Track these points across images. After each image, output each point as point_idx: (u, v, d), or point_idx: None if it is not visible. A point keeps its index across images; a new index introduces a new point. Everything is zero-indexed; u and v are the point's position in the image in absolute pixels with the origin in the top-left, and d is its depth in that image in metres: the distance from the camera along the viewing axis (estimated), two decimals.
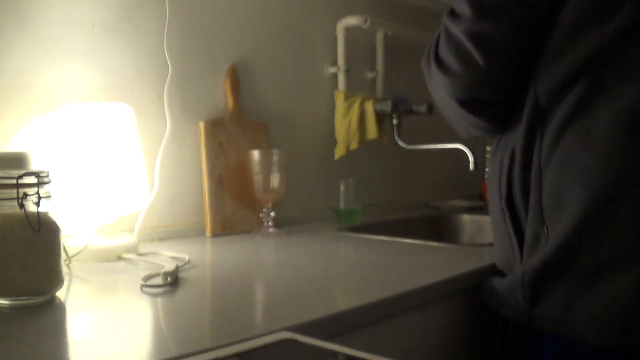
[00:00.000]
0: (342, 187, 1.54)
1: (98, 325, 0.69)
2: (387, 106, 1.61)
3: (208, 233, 1.32)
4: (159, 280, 0.86)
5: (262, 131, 1.46)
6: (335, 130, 1.64)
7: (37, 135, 1.09)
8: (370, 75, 1.78)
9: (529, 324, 0.87)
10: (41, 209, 0.76)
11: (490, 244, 1.06)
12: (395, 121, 1.66)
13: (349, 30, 1.65)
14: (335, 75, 1.66)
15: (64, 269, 0.97)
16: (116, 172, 1.06)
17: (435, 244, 1.25)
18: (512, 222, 0.92)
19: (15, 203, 0.74)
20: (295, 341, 0.59)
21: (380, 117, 1.63)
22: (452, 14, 0.92)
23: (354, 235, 1.38)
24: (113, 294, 0.87)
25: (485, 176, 1.01)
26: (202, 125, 1.34)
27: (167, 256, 1.05)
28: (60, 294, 0.85)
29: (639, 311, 0.78)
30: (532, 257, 0.87)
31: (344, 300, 0.84)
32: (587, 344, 0.81)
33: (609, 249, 0.80)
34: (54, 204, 0.80)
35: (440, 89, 0.96)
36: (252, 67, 1.46)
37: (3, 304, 0.75)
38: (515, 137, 0.91)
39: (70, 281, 0.92)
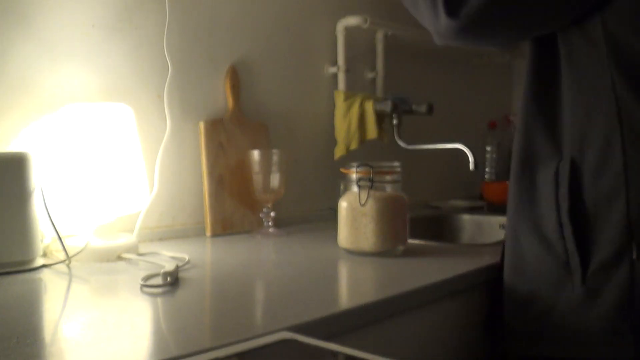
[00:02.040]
0: (342, 187, 1.53)
1: (98, 325, 0.69)
2: (387, 106, 1.61)
3: (208, 233, 1.32)
4: (159, 280, 0.86)
5: (262, 131, 1.46)
6: (335, 130, 1.64)
7: (37, 136, 1.09)
8: (370, 75, 1.78)
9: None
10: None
11: (491, 244, 1.06)
12: (395, 121, 1.66)
13: (349, 30, 1.65)
14: (335, 75, 1.66)
15: (64, 268, 0.98)
16: (116, 172, 1.06)
17: (435, 244, 1.25)
18: (575, 238, 0.86)
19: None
20: (295, 341, 0.59)
21: (380, 117, 1.63)
22: None
23: None
24: (113, 294, 0.87)
25: (514, 193, 0.97)
26: (202, 125, 1.34)
27: (167, 256, 1.05)
28: (61, 293, 0.85)
29: None
30: (615, 275, 0.83)
31: (344, 300, 0.84)
32: None
33: None
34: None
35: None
36: (252, 67, 1.46)
37: None
38: (575, 144, 0.86)
39: (70, 281, 0.92)
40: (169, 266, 0.89)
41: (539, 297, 0.92)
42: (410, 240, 1.27)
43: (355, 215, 1.08)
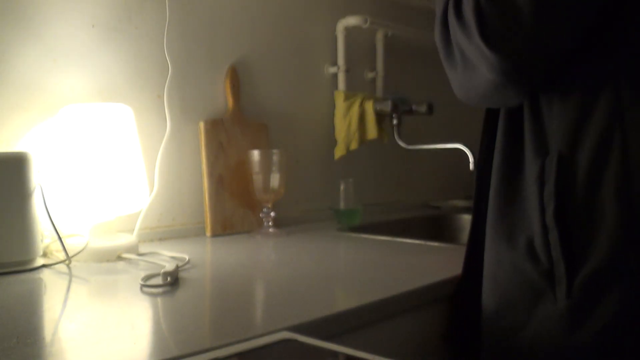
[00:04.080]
0: (342, 187, 1.54)
1: (98, 325, 0.69)
2: (387, 106, 1.61)
3: (208, 233, 1.32)
4: (159, 280, 0.86)
5: (262, 131, 1.46)
6: (335, 130, 1.64)
7: (38, 136, 1.09)
8: (370, 75, 1.78)
9: None
10: None
11: None
12: (395, 121, 1.67)
13: (349, 30, 1.65)
14: (335, 75, 1.66)
15: (64, 268, 0.98)
16: (116, 172, 1.06)
17: (435, 244, 1.25)
18: (562, 243, 0.76)
19: None
20: (295, 341, 0.59)
21: (380, 117, 1.63)
22: None
23: (354, 235, 1.38)
24: (113, 294, 0.87)
25: (496, 192, 0.87)
26: (202, 125, 1.34)
27: (167, 256, 1.05)
28: (61, 293, 0.85)
29: None
30: (611, 289, 0.73)
31: (344, 300, 0.84)
32: None
33: None
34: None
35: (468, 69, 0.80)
36: (252, 67, 1.46)
37: None
38: (565, 139, 0.78)
39: (70, 281, 0.92)
40: (169, 266, 0.89)
41: (513, 309, 0.81)
42: (411, 240, 1.27)
43: None
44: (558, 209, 0.77)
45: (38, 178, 1.00)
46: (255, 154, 1.34)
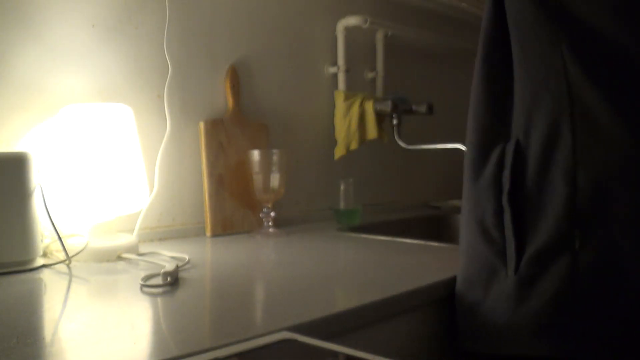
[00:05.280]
0: (342, 187, 1.54)
1: (98, 325, 0.69)
2: (387, 106, 1.61)
3: (208, 233, 1.32)
4: (159, 280, 0.86)
5: (262, 131, 1.46)
6: (335, 131, 1.64)
7: (38, 136, 1.09)
8: (370, 75, 1.78)
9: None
10: None
11: None
12: (395, 121, 1.67)
13: (349, 30, 1.65)
14: (335, 75, 1.66)
15: (64, 268, 0.98)
16: (116, 172, 1.06)
17: (435, 244, 1.25)
18: (514, 222, 0.81)
19: None
20: (295, 341, 0.59)
21: (380, 117, 1.63)
22: None
23: (354, 235, 1.38)
24: (113, 294, 0.87)
25: (466, 176, 0.91)
26: (202, 125, 1.34)
27: (167, 256, 1.05)
28: (61, 293, 0.85)
29: None
30: (553, 266, 0.77)
31: (344, 300, 0.84)
32: None
33: None
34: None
35: None
36: (252, 67, 1.46)
37: None
38: (521, 124, 0.82)
39: (70, 281, 0.92)
40: (169, 266, 0.89)
41: (471, 288, 0.86)
42: (410, 240, 1.27)
43: None
44: (513, 191, 0.81)
45: (38, 178, 1.00)
46: (255, 154, 1.34)
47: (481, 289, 0.85)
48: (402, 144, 1.68)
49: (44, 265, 0.98)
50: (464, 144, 1.52)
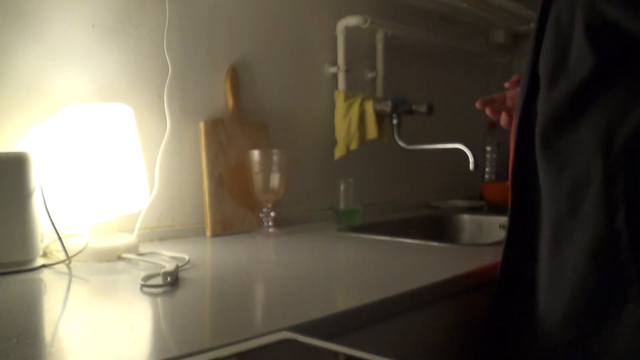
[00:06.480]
0: (342, 187, 1.54)
1: (98, 325, 0.69)
2: (387, 106, 1.61)
3: (208, 233, 1.32)
4: (159, 280, 0.86)
5: (262, 131, 1.46)
6: (335, 131, 1.64)
7: (38, 136, 1.09)
8: (370, 75, 1.78)
9: None
10: None
11: (491, 244, 1.05)
12: (395, 121, 1.67)
13: (349, 30, 1.65)
14: (335, 75, 1.66)
15: (64, 268, 0.98)
16: (116, 172, 1.06)
17: (435, 244, 1.25)
18: (632, 246, 0.73)
19: None
20: (295, 341, 0.59)
21: (380, 117, 1.63)
22: None
23: (354, 235, 1.38)
24: (113, 294, 0.87)
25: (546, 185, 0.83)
26: (202, 125, 1.34)
27: (167, 256, 1.05)
28: (61, 293, 0.85)
29: None
30: None
31: (344, 300, 0.84)
32: None
33: None
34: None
35: None
36: (252, 67, 1.46)
37: None
38: (628, 136, 0.73)
39: (70, 281, 0.92)
40: (169, 266, 0.89)
41: (583, 318, 0.79)
42: (410, 240, 1.27)
43: None
44: (628, 211, 0.74)
45: (38, 178, 1.00)
46: (255, 154, 1.34)
47: (594, 318, 0.78)
48: (402, 144, 1.68)
49: (44, 265, 0.98)
50: (464, 144, 1.53)
